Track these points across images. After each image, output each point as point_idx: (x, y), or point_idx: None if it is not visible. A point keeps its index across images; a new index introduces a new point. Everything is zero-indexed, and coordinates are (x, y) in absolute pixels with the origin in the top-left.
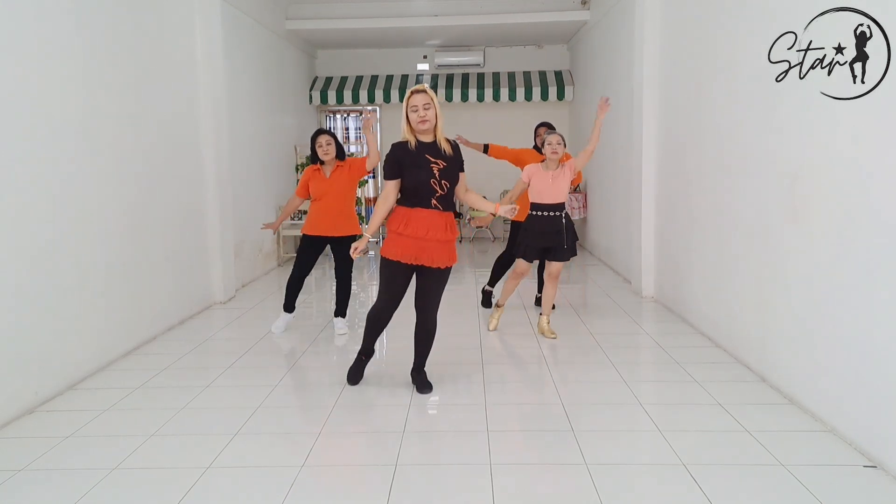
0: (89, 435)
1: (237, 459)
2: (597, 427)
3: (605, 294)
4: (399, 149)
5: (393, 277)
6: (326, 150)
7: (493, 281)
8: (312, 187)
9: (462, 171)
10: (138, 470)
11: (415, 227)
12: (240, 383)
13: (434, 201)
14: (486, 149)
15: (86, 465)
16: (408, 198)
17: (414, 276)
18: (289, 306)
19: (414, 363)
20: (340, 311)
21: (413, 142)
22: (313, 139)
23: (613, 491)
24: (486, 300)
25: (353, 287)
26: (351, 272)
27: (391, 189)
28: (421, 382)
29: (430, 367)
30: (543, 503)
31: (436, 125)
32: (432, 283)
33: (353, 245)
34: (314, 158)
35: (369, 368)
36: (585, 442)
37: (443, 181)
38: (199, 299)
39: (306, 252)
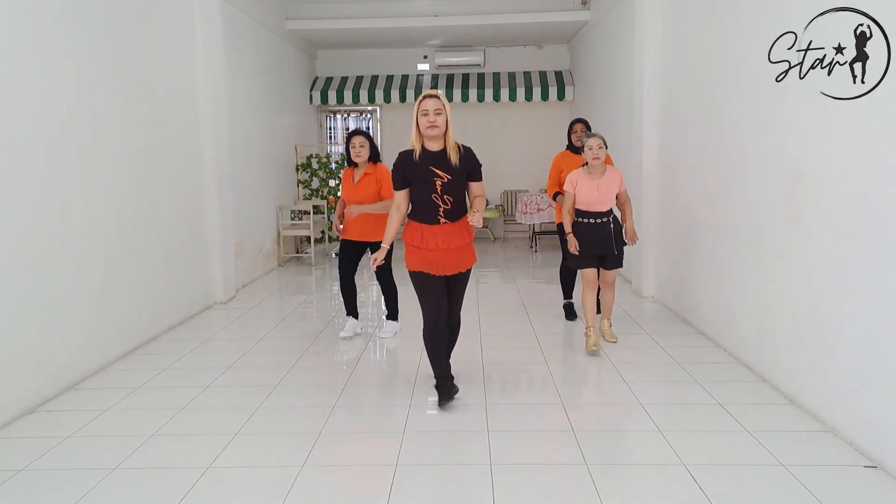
0: (89, 435)
1: (237, 459)
2: (597, 427)
3: None
4: (404, 161)
5: (430, 288)
6: (359, 152)
7: (567, 292)
8: (344, 191)
9: (475, 180)
10: (138, 470)
11: (430, 240)
12: (240, 383)
13: (441, 218)
14: (555, 196)
15: (86, 465)
16: (416, 212)
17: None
18: (350, 310)
19: None
20: (391, 314)
21: (419, 150)
22: (347, 140)
23: (613, 491)
24: (569, 313)
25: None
26: (391, 274)
27: (401, 199)
28: (445, 390)
29: (428, 368)
30: (543, 503)
31: (446, 132)
32: (460, 287)
33: (373, 257)
34: (349, 160)
35: (371, 368)
36: (585, 442)
37: (445, 196)
38: (199, 299)
39: (345, 254)
